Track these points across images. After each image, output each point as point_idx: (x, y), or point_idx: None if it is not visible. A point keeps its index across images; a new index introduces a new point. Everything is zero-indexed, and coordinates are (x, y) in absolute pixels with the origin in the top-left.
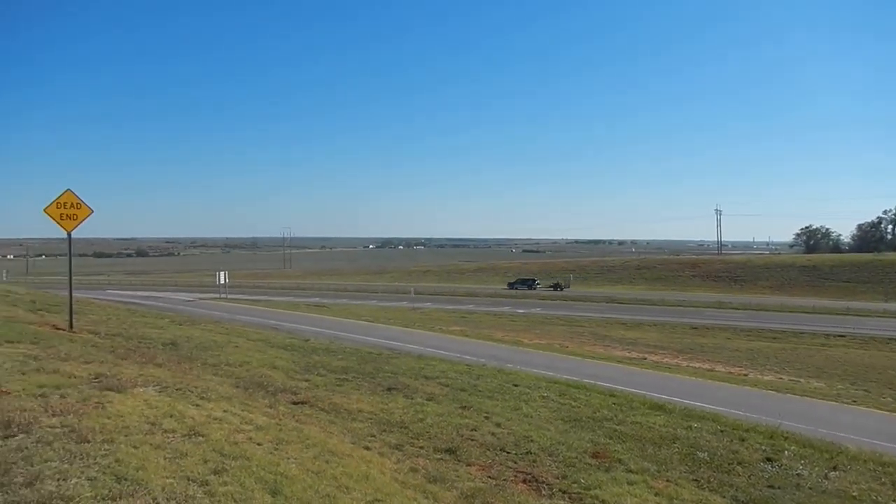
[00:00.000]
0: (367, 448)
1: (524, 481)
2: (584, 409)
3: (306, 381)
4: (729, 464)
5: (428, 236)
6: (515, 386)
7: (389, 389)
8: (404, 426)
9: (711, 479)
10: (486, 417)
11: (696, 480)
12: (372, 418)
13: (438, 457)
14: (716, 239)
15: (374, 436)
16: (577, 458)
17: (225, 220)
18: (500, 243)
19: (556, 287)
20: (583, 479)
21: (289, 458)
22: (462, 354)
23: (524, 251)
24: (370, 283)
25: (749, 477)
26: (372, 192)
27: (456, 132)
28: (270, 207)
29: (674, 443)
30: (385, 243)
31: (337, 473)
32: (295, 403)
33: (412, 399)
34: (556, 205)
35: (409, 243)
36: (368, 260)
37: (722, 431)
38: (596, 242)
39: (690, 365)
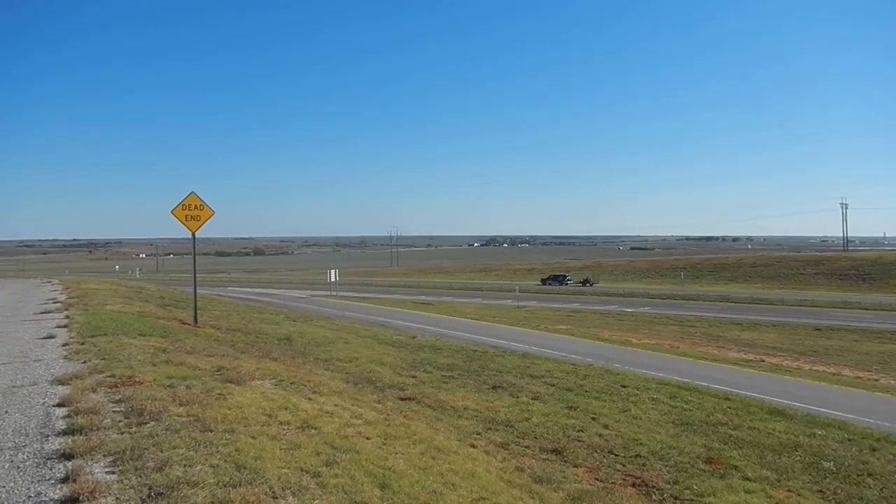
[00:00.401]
0: (473, 446)
1: (633, 485)
2: (697, 413)
3: (413, 377)
4: (858, 475)
5: (533, 234)
6: (623, 387)
7: (495, 388)
8: (510, 425)
9: (838, 491)
10: (594, 418)
11: (821, 492)
12: (477, 416)
13: (544, 457)
14: (841, 234)
15: (479, 433)
16: (689, 463)
17: (335, 220)
18: (607, 241)
19: (585, 283)
20: (695, 485)
21: (397, 454)
22: (568, 354)
23: (632, 248)
24: (474, 280)
25: (881, 490)
26: (477, 191)
27: (563, 124)
28: (378, 208)
29: (795, 450)
30: (489, 241)
31: (443, 470)
32: (402, 399)
33: (517, 398)
34: (665, 200)
35: (514, 241)
36: (473, 258)
37: (850, 440)
38: (708, 239)
39: (813, 368)
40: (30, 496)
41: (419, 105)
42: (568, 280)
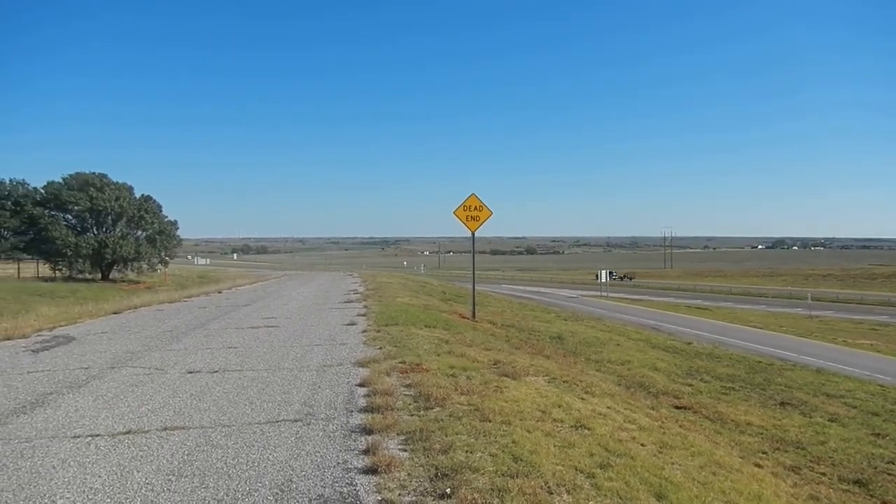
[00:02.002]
0: (758, 465)
1: None
2: None
3: (689, 385)
4: None
5: (828, 236)
6: None
7: (783, 404)
8: (801, 447)
9: None
10: None
11: None
12: (763, 433)
13: (845, 487)
14: None
15: (765, 453)
16: None
17: (606, 220)
18: None
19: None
20: None
21: (673, 464)
22: (873, 373)
23: None
24: (758, 286)
25: None
26: (761, 188)
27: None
28: (653, 207)
29: None
30: (776, 243)
31: (725, 487)
32: (677, 408)
33: (810, 418)
34: None
35: (806, 243)
36: (756, 261)
37: None
38: None
39: None
40: (338, 462)
41: (689, 99)
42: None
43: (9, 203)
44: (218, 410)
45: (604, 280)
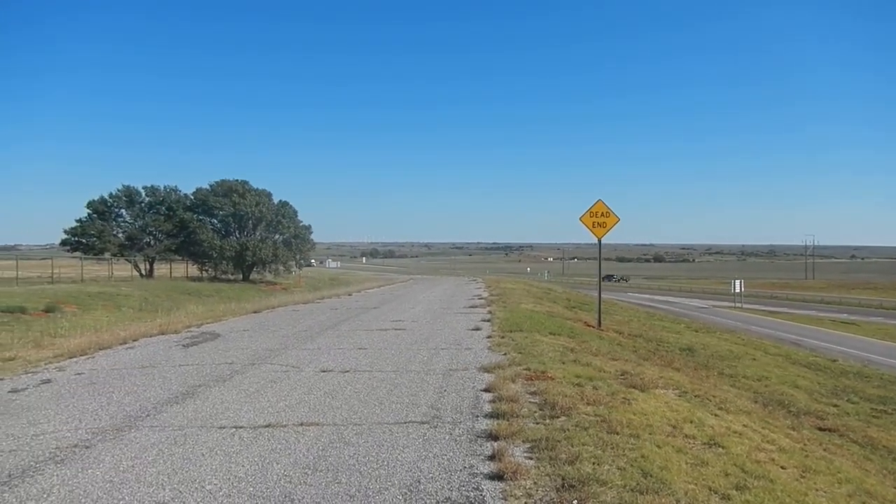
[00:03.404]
0: None
1: None
2: None
3: (834, 406)
4: None
5: None
6: None
7: None
8: None
9: None
10: None
11: None
12: None
13: None
14: None
15: None
16: None
17: (740, 227)
18: None
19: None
20: None
21: (817, 490)
22: None
23: None
24: None
25: None
26: None
27: None
28: (792, 213)
29: None
30: None
31: None
32: (821, 430)
33: None
34: None
35: None
36: None
37: None
38: None
39: None
40: (464, 467)
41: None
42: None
43: (163, 208)
44: (349, 409)
45: (738, 290)
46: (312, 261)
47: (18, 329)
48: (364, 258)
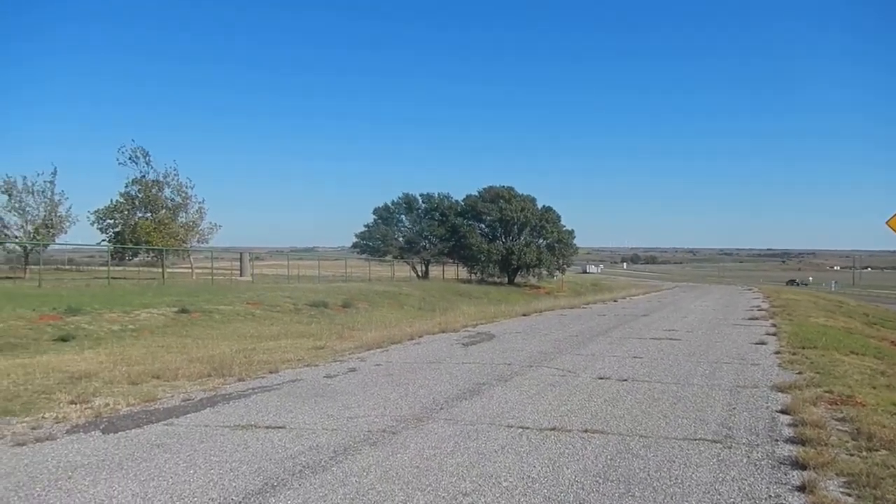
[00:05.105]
0: None
1: None
2: None
3: None
4: None
5: None
6: None
7: None
8: None
9: None
10: None
11: None
12: None
13: None
14: None
15: None
16: None
17: None
18: None
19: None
20: None
21: None
22: None
23: None
24: None
25: None
26: None
27: None
28: None
29: None
30: None
31: None
32: None
33: None
34: None
35: None
36: None
37: None
38: None
39: None
40: (770, 496)
41: None
42: None
43: (437, 214)
44: (632, 419)
45: None
46: (574, 265)
47: (324, 321)
48: (624, 263)
